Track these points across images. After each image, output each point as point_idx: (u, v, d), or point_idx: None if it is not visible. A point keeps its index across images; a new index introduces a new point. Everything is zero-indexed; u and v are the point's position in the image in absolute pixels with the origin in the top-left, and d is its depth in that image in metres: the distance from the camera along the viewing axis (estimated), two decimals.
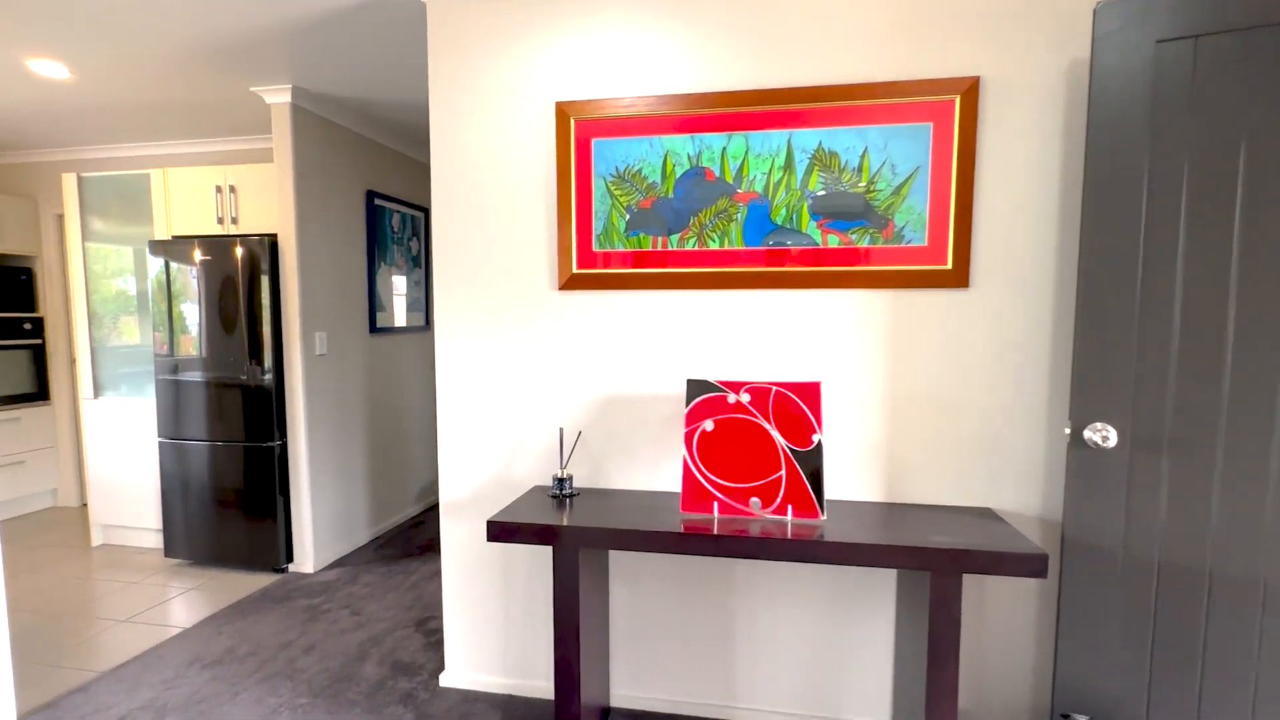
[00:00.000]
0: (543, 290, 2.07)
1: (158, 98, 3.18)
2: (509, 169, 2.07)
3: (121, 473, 3.61)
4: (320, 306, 3.33)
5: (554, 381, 2.09)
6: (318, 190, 3.30)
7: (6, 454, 4.11)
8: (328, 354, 3.39)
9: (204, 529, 3.30)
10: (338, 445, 3.48)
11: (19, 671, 2.36)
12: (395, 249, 4.02)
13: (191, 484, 3.31)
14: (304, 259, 3.21)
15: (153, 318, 3.31)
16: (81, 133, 3.79)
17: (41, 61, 2.75)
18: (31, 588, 3.11)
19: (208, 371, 3.24)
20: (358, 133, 3.59)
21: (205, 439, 3.27)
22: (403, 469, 4.13)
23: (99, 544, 3.69)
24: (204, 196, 3.37)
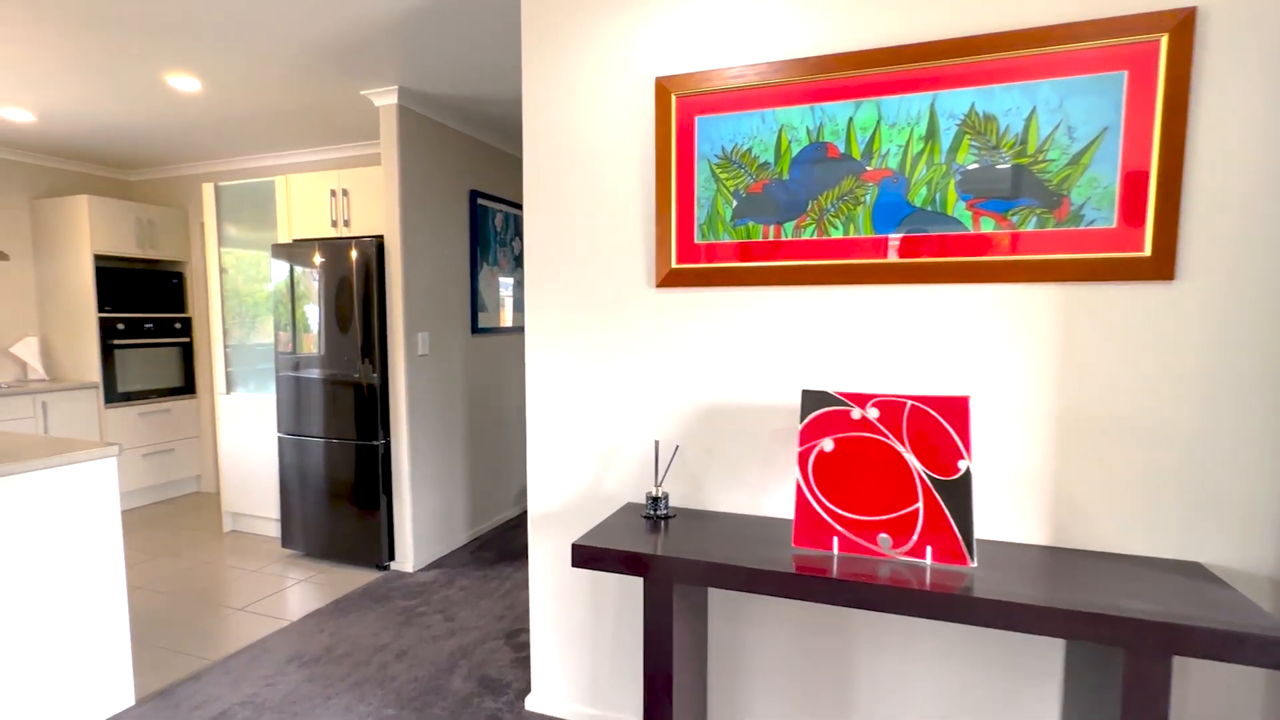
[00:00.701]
0: (639, 288, 1.88)
1: (278, 106, 3.32)
2: (603, 156, 1.89)
3: (248, 464, 3.83)
4: (423, 307, 3.34)
5: (650, 388, 1.89)
6: (422, 191, 3.31)
7: (158, 442, 4.51)
8: (430, 354, 3.40)
9: (316, 523, 3.41)
10: (438, 445, 3.49)
11: (147, 653, 2.49)
12: (498, 248, 4.01)
13: (304, 479, 3.43)
14: (408, 260, 3.22)
15: (275, 317, 3.46)
16: (218, 147, 4.07)
17: (177, 76, 2.92)
18: (169, 570, 3.33)
19: (322, 370, 3.34)
20: (461, 131, 3.59)
21: (318, 436, 3.37)
22: (501, 470, 4.10)
23: (229, 530, 3.93)
24: (320, 201, 3.48)
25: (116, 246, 4.26)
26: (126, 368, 4.33)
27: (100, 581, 2.03)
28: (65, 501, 1.94)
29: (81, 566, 1.98)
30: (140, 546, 3.67)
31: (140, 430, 4.41)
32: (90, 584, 2.00)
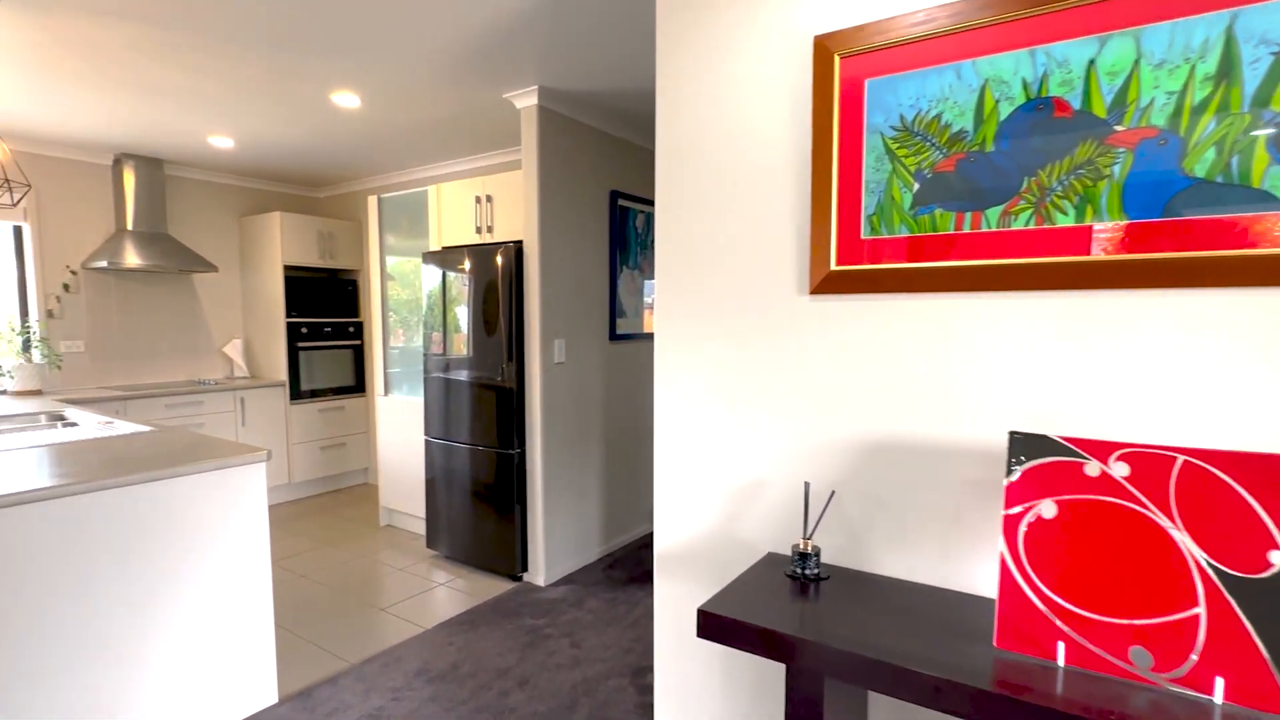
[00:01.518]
0: (787, 295, 1.55)
1: (429, 116, 3.39)
2: (746, 137, 1.59)
3: (402, 464, 4.00)
4: (560, 313, 3.25)
5: (800, 416, 1.56)
6: (561, 193, 3.21)
7: (332, 436, 4.91)
8: (566, 362, 3.30)
9: (457, 527, 3.45)
10: (572, 457, 3.38)
11: (298, 648, 2.60)
12: (638, 251, 3.83)
13: (447, 483, 3.48)
14: (546, 264, 3.14)
15: (425, 322, 3.56)
16: (385, 161, 4.31)
17: (340, 94, 3.06)
18: (330, 560, 3.54)
19: (469, 372, 3.36)
20: (601, 130, 3.45)
21: (460, 441, 3.40)
22: (637, 483, 3.92)
23: (384, 524, 4.14)
24: (466, 208, 3.52)
25: (302, 257, 4.68)
26: (308, 368, 4.75)
27: (249, 580, 2.10)
28: (219, 503, 2.02)
29: (232, 565, 2.06)
30: (311, 534, 3.97)
31: (318, 425, 4.82)
32: (240, 582, 2.08)
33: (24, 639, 1.65)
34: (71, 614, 1.73)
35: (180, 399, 4.10)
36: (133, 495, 1.83)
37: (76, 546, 1.73)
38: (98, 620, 1.78)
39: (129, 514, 1.83)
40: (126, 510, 1.82)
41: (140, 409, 3.92)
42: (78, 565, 1.74)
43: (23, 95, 3.05)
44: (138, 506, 1.84)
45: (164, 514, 1.90)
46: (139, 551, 1.85)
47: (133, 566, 1.83)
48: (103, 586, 1.78)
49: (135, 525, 1.84)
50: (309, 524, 4.16)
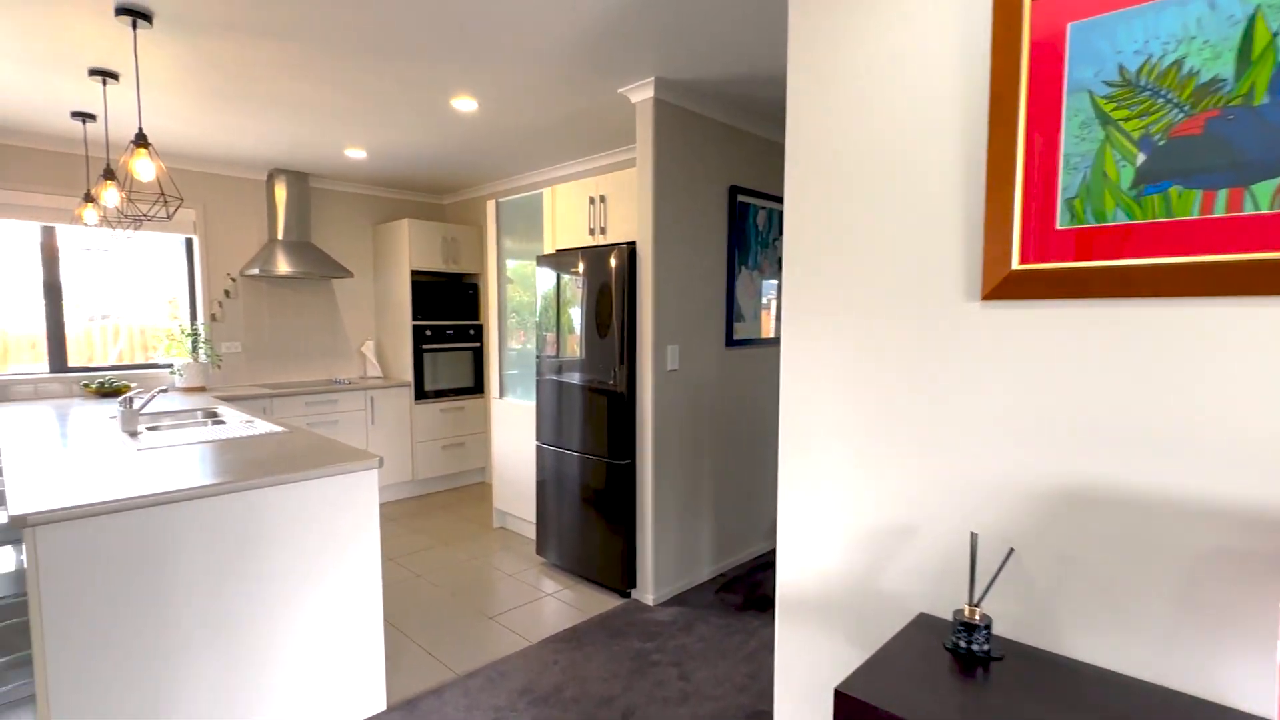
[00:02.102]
0: (950, 301, 1.27)
1: (545, 116, 3.34)
2: (898, 116, 1.32)
3: (514, 468, 4.01)
4: (674, 317, 3.07)
5: (965, 451, 1.27)
6: (677, 190, 3.03)
7: (452, 436, 5.05)
8: (679, 369, 3.11)
9: (566, 537, 3.38)
10: (684, 469, 3.19)
11: (409, 653, 2.61)
12: (759, 250, 3.58)
13: (556, 490, 3.41)
14: (659, 266, 2.97)
15: (537, 327, 3.52)
16: (506, 165, 4.36)
17: (460, 99, 3.07)
18: (445, 560, 3.60)
19: (577, 379, 3.28)
20: (720, 121, 3.23)
21: (568, 448, 3.32)
22: (754, 499, 3.66)
23: (498, 526, 4.17)
24: (580, 209, 3.44)
25: (428, 262, 4.85)
26: (432, 369, 4.92)
27: (360, 585, 2.10)
28: (334, 507, 2.03)
29: (345, 569, 2.06)
30: (430, 532, 4.07)
31: (440, 424, 4.98)
32: (352, 587, 2.08)
33: (162, 628, 1.71)
34: (202, 607, 1.78)
35: (318, 397, 4.36)
36: (259, 497, 1.87)
37: (207, 544, 1.78)
38: (225, 616, 1.82)
39: (253, 515, 1.86)
40: (251, 511, 1.86)
41: (284, 406, 4.21)
42: (208, 562, 1.79)
43: (189, 118, 3.34)
44: (260, 508, 1.87)
45: (283, 516, 1.92)
46: (260, 552, 1.88)
47: (254, 565, 1.87)
48: (230, 585, 1.82)
49: (257, 526, 1.87)
50: (429, 521, 4.29)
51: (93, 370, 4.03)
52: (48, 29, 2.31)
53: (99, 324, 4.10)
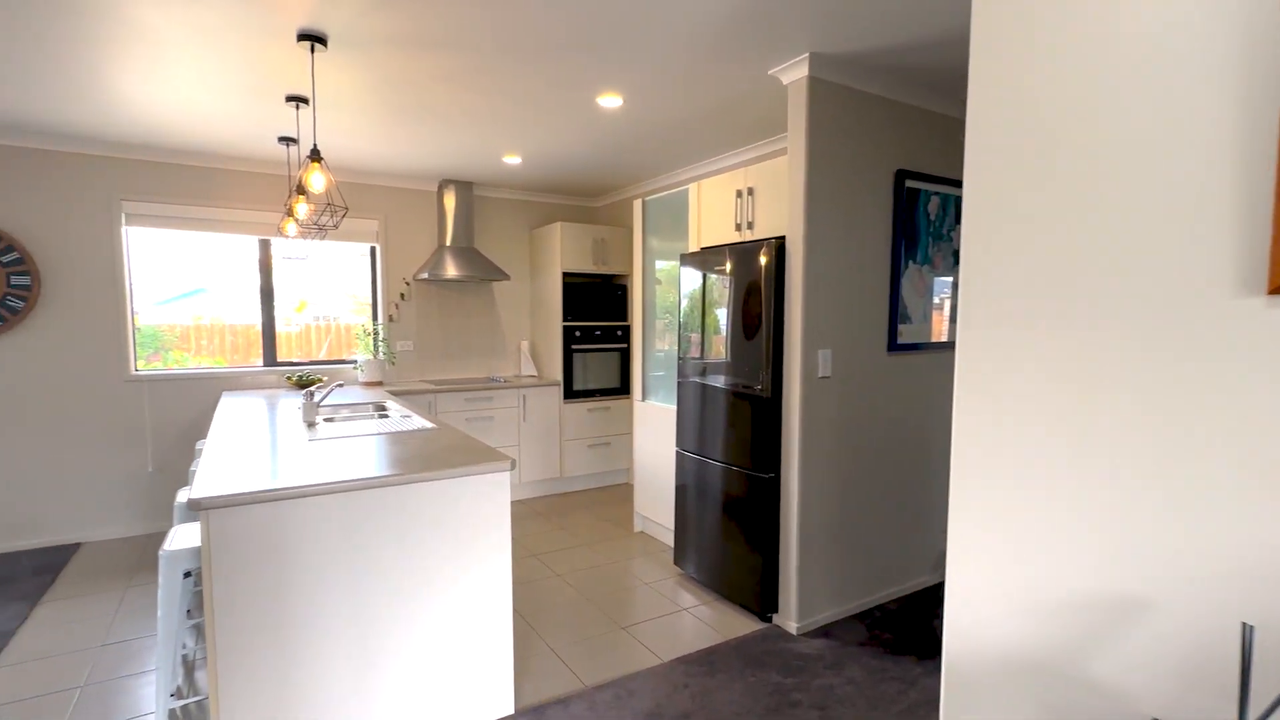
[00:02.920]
0: (1215, 297, 0.91)
1: (689, 109, 3.19)
2: (1133, 62, 0.98)
3: (654, 472, 3.92)
4: (827, 318, 2.77)
5: (1232, 502, 0.91)
6: (833, 177, 2.73)
7: (598, 435, 5.10)
8: (832, 376, 2.81)
9: (704, 549, 3.21)
10: (836, 486, 2.87)
11: (539, 657, 2.60)
12: (931, 242, 3.14)
13: (695, 499, 3.25)
14: (811, 262, 2.69)
15: (679, 327, 3.39)
16: (648, 166, 4.29)
17: (605, 96, 3.02)
18: (583, 561, 3.60)
19: (720, 382, 3.10)
20: (885, 97, 2.87)
21: (709, 457, 3.15)
22: (918, 525, 3.23)
23: (638, 530, 4.11)
24: (726, 204, 3.25)
25: (578, 264, 4.94)
26: (580, 369, 5.00)
27: (491, 585, 2.10)
28: (466, 506, 2.04)
29: (477, 569, 2.07)
30: (573, 530, 4.11)
31: (587, 423, 5.05)
32: (482, 587, 2.08)
33: (305, 612, 1.81)
34: (341, 598, 1.86)
35: (476, 394, 4.60)
36: (395, 494, 1.92)
37: (347, 536, 1.86)
38: (361, 608, 1.89)
39: (390, 510, 1.92)
40: (388, 507, 1.91)
41: (446, 401, 4.49)
42: (348, 554, 1.86)
43: (371, 135, 3.65)
44: (396, 504, 1.93)
45: (418, 513, 1.96)
46: (395, 547, 1.93)
47: (389, 560, 1.92)
48: (368, 578, 1.89)
49: (394, 521, 1.93)
50: (573, 520, 4.34)
51: (295, 365, 4.59)
52: (251, 62, 2.60)
53: (305, 323, 4.66)
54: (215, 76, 2.76)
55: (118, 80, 2.80)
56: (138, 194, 3.97)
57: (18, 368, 3.72)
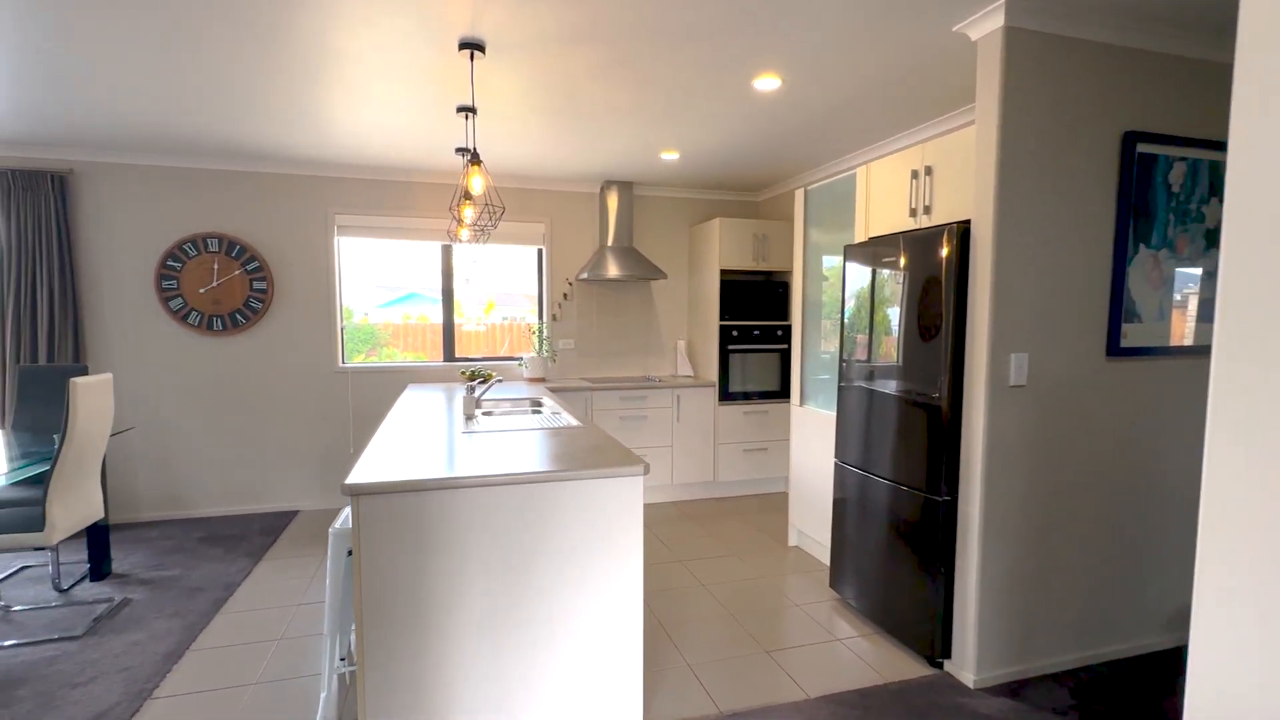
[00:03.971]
0: None
1: (853, 84, 2.87)
2: None
3: (811, 484, 3.61)
4: (1022, 315, 2.32)
5: None
6: (1035, 147, 2.27)
7: (754, 440, 4.86)
8: (1027, 385, 2.34)
9: (864, 574, 2.87)
10: (1030, 516, 2.39)
11: (676, 671, 2.47)
12: (1172, 221, 2.51)
13: (858, 518, 2.92)
14: (1003, 248, 2.27)
15: (845, 326, 3.07)
16: (812, 154, 3.97)
17: (762, 79, 2.82)
18: (732, 573, 3.41)
19: (889, 388, 2.75)
20: (1108, 43, 2.33)
21: (872, 473, 2.80)
22: (1145, 571, 2.60)
23: (793, 544, 3.82)
24: (899, 188, 2.88)
25: (737, 261, 4.75)
26: (736, 370, 4.80)
27: (619, 595, 2.01)
28: (595, 510, 1.97)
29: (604, 576, 1.99)
30: (723, 537, 3.94)
31: (743, 427, 4.84)
32: (610, 596, 2.00)
33: (444, 604, 1.86)
34: (476, 595, 1.88)
35: (631, 393, 4.61)
36: (525, 492, 1.91)
37: (480, 531, 1.88)
38: (494, 597, 1.90)
39: (519, 508, 1.91)
40: (517, 504, 1.90)
41: (602, 399, 4.55)
42: (481, 549, 1.88)
43: (535, 139, 3.78)
44: (525, 503, 1.91)
45: (548, 513, 1.93)
46: (526, 546, 1.92)
47: (519, 559, 1.91)
48: (499, 576, 1.90)
49: (526, 519, 1.91)
50: (724, 527, 4.17)
51: (469, 361, 4.94)
52: (424, 76, 2.78)
53: (492, 322, 5.01)
54: (398, 94, 3.00)
55: (327, 107, 3.16)
56: (346, 207, 4.51)
57: (253, 359, 4.41)
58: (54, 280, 3.94)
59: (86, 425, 2.80)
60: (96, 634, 2.72)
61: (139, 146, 3.94)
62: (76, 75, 2.79)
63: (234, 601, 3.04)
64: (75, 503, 2.84)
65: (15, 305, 3.89)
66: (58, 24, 2.30)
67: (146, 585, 3.21)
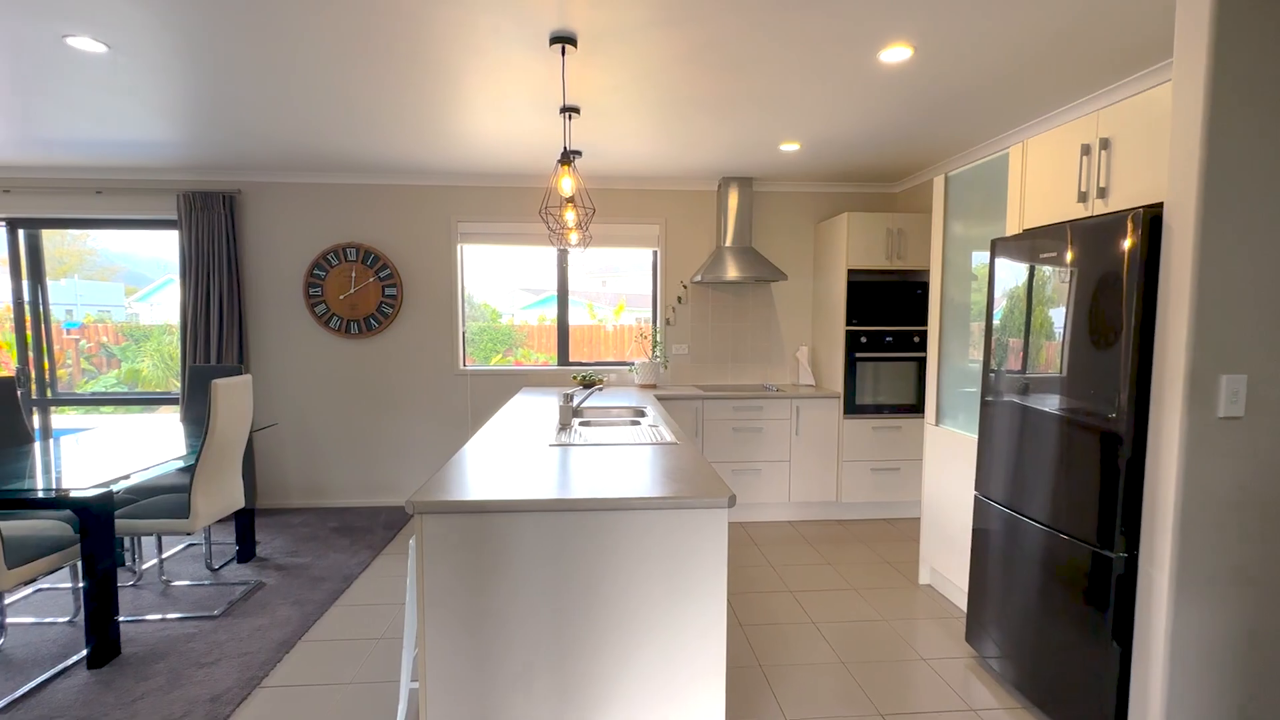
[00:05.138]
0: None
1: (1005, 48, 2.40)
2: None
3: (947, 516, 3.12)
4: (1241, 327, 1.77)
5: None
6: (1258, 104, 1.73)
7: (884, 459, 4.37)
8: (1244, 418, 1.79)
9: (1011, 634, 2.39)
10: (1249, 590, 1.83)
11: (772, 718, 2.19)
12: None
13: (1003, 566, 2.44)
14: (1210, 239, 1.75)
15: (991, 331, 2.60)
16: (956, 135, 3.45)
17: (889, 50, 2.45)
18: (847, 609, 3.03)
19: (1049, 406, 2.27)
20: None
21: (1023, 514, 2.33)
22: None
23: (924, 583, 3.34)
24: (1064, 167, 2.36)
25: (868, 260, 4.29)
26: (865, 380, 4.34)
27: (698, 640, 1.78)
28: (672, 544, 1.76)
29: (683, 612, 1.77)
30: (841, 567, 3.55)
31: (871, 444, 4.37)
32: (687, 640, 1.78)
33: (499, 621, 1.74)
34: (538, 611, 1.74)
35: (745, 402, 4.32)
36: (594, 520, 1.74)
37: (546, 552, 1.74)
38: (559, 626, 1.75)
39: (587, 535, 1.74)
40: (585, 531, 1.74)
41: (713, 408, 4.31)
42: (548, 569, 1.74)
43: (645, 137, 3.63)
44: (595, 530, 1.74)
45: (620, 540, 1.75)
46: (593, 575, 1.75)
47: (583, 586, 1.75)
48: (564, 599, 1.75)
49: (593, 544, 1.75)
50: (845, 555, 3.76)
51: (581, 365, 4.91)
52: (520, 77, 2.72)
53: (619, 325, 4.97)
54: (500, 98, 2.97)
55: (444, 120, 3.23)
56: (467, 215, 4.65)
57: (383, 361, 4.67)
58: (224, 288, 4.41)
59: (227, 423, 3.05)
60: (230, 615, 2.95)
61: (291, 166, 4.31)
62: (244, 111, 3.08)
63: (349, 595, 3.18)
64: (217, 494, 3.11)
65: (193, 311, 4.41)
66: (231, 73, 2.50)
67: (280, 571, 3.47)
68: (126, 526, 2.90)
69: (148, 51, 2.47)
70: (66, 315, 4.97)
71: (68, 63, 2.58)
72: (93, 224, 4.58)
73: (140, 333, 5.07)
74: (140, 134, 3.55)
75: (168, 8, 2.14)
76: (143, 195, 4.45)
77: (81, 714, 2.22)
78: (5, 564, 2.35)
